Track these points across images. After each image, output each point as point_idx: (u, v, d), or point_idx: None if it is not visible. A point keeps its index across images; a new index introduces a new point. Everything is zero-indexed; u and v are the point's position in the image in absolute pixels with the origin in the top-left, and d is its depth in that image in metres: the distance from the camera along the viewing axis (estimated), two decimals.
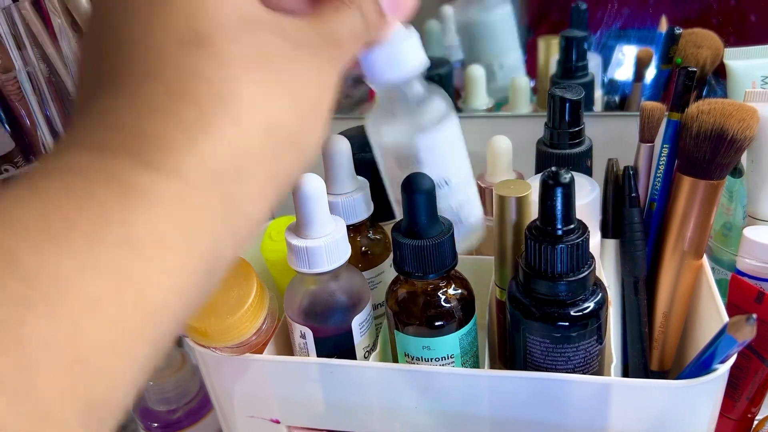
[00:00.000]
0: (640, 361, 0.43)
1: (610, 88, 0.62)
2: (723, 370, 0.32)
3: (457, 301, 0.35)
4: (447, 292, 0.35)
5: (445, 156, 0.36)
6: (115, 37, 0.21)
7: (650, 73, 0.56)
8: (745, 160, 0.42)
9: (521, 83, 0.61)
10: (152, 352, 0.18)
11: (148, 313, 0.18)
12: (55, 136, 0.49)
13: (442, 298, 0.35)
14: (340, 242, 0.36)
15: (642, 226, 0.41)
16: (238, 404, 0.40)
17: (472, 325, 0.37)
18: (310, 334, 0.37)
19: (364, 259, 0.42)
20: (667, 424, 0.34)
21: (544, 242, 0.32)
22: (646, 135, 0.43)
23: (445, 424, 0.37)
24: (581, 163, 0.43)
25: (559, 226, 0.32)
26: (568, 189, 0.31)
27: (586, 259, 0.32)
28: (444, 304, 0.35)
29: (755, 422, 0.42)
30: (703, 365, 0.32)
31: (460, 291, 0.36)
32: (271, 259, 0.44)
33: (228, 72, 0.21)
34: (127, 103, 0.20)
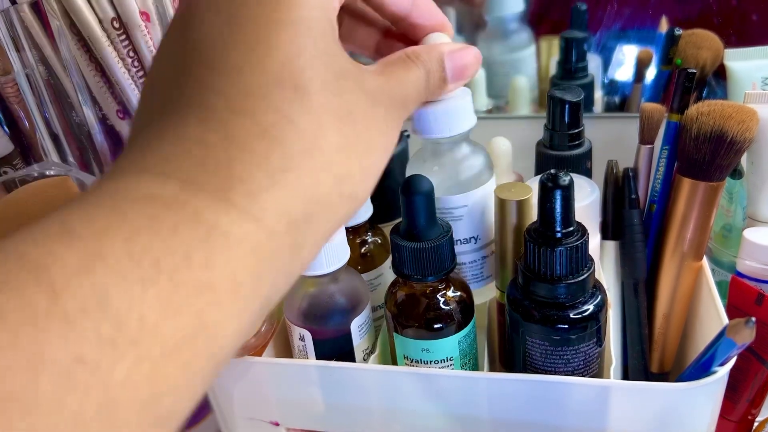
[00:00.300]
0: (639, 364, 0.43)
1: (610, 90, 0.62)
2: (723, 372, 0.32)
3: (456, 304, 0.35)
4: (446, 295, 0.35)
5: (479, 215, 0.37)
6: (208, 64, 0.21)
7: (650, 75, 0.56)
8: (744, 162, 0.42)
9: (520, 84, 0.61)
10: (207, 387, 0.20)
11: (214, 354, 0.19)
12: (54, 138, 0.49)
13: (441, 300, 0.35)
14: (339, 244, 0.36)
15: (642, 227, 0.41)
16: (238, 406, 0.40)
17: (472, 328, 0.36)
18: (309, 337, 0.37)
19: (364, 261, 0.42)
20: (667, 426, 0.33)
21: (543, 245, 0.32)
22: (646, 136, 0.42)
23: (444, 427, 0.37)
24: (581, 164, 0.43)
25: (558, 229, 0.31)
26: (567, 191, 0.31)
27: (586, 262, 0.32)
28: (443, 306, 0.35)
29: (755, 424, 0.42)
30: (703, 367, 0.32)
31: (459, 293, 0.36)
32: None
33: (316, 122, 0.21)
34: (219, 137, 0.20)
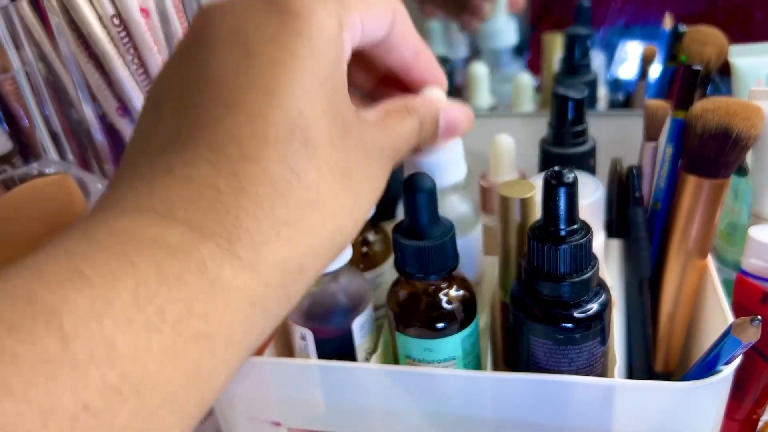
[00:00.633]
0: (644, 363, 0.43)
1: (614, 87, 0.62)
2: (728, 371, 0.32)
3: (459, 303, 0.35)
4: (449, 293, 0.35)
5: (466, 262, 0.37)
6: (224, 102, 0.22)
7: (654, 71, 0.55)
8: (750, 159, 0.42)
9: (524, 81, 0.61)
10: (194, 426, 0.20)
11: (205, 399, 0.20)
12: (54, 136, 0.49)
13: (444, 299, 0.35)
14: None
15: (646, 225, 0.41)
16: (239, 406, 0.40)
17: (474, 327, 0.36)
18: (310, 336, 0.37)
19: (365, 260, 0.42)
20: (672, 425, 0.33)
21: (547, 243, 0.31)
22: (650, 134, 0.42)
23: (447, 427, 0.36)
24: (585, 162, 0.43)
25: (563, 227, 0.31)
26: (572, 188, 0.31)
27: (590, 260, 0.32)
28: (446, 305, 0.35)
29: (760, 423, 0.42)
30: (708, 367, 0.32)
31: (462, 292, 0.35)
32: None
33: (321, 179, 0.22)
34: (229, 185, 0.20)
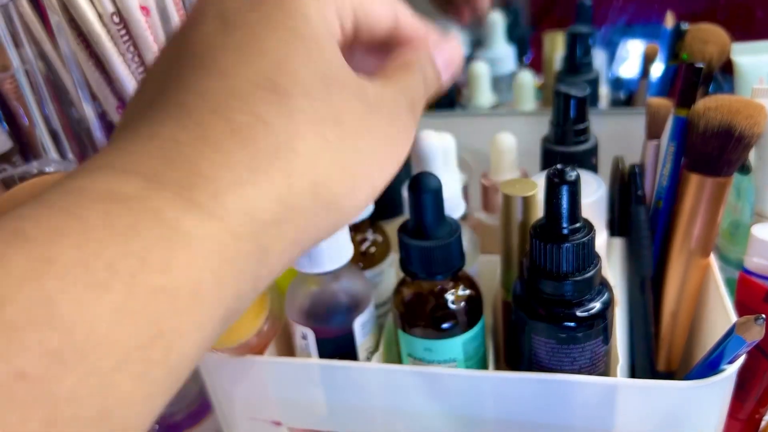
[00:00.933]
0: (646, 362, 0.43)
1: (616, 85, 0.62)
2: (731, 370, 0.31)
3: (465, 303, 0.35)
4: (455, 293, 0.35)
5: None
6: (196, 65, 0.21)
7: (656, 70, 0.55)
8: (753, 157, 0.42)
9: (525, 80, 0.61)
10: (168, 399, 0.18)
11: (173, 366, 0.18)
12: (53, 134, 0.49)
13: (450, 299, 0.35)
14: (341, 242, 0.35)
15: (648, 224, 0.41)
16: (239, 406, 0.40)
17: (479, 330, 0.36)
18: (311, 335, 0.37)
19: (364, 259, 0.42)
20: (675, 425, 0.33)
21: (549, 241, 0.31)
22: (653, 132, 0.42)
23: (448, 427, 0.36)
24: (587, 160, 0.43)
25: (565, 225, 0.31)
26: (574, 187, 0.30)
27: (592, 259, 0.32)
28: (451, 305, 0.35)
29: (763, 423, 0.42)
30: (711, 366, 0.32)
31: (468, 292, 0.35)
32: None
33: (293, 125, 0.21)
34: (190, 136, 0.19)
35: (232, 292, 0.19)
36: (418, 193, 0.32)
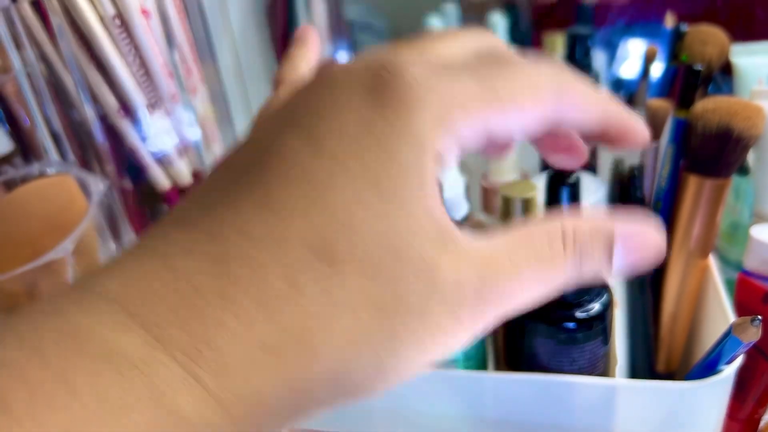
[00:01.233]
0: (646, 363, 0.43)
1: (615, 86, 0.62)
2: (729, 371, 0.31)
3: None
4: None
5: None
6: (254, 189, 0.18)
7: (656, 71, 0.55)
8: (751, 159, 0.42)
9: None
10: None
11: None
12: (55, 136, 0.49)
13: None
14: None
15: None
16: None
17: None
18: None
19: None
20: (674, 425, 0.33)
21: None
22: (652, 133, 0.42)
23: (449, 427, 0.36)
24: (586, 161, 0.43)
25: None
26: (575, 188, 0.31)
27: None
28: None
29: (762, 423, 0.42)
30: (709, 367, 0.32)
31: None
32: None
33: (329, 305, 0.17)
34: (210, 286, 0.17)
35: None
36: None
